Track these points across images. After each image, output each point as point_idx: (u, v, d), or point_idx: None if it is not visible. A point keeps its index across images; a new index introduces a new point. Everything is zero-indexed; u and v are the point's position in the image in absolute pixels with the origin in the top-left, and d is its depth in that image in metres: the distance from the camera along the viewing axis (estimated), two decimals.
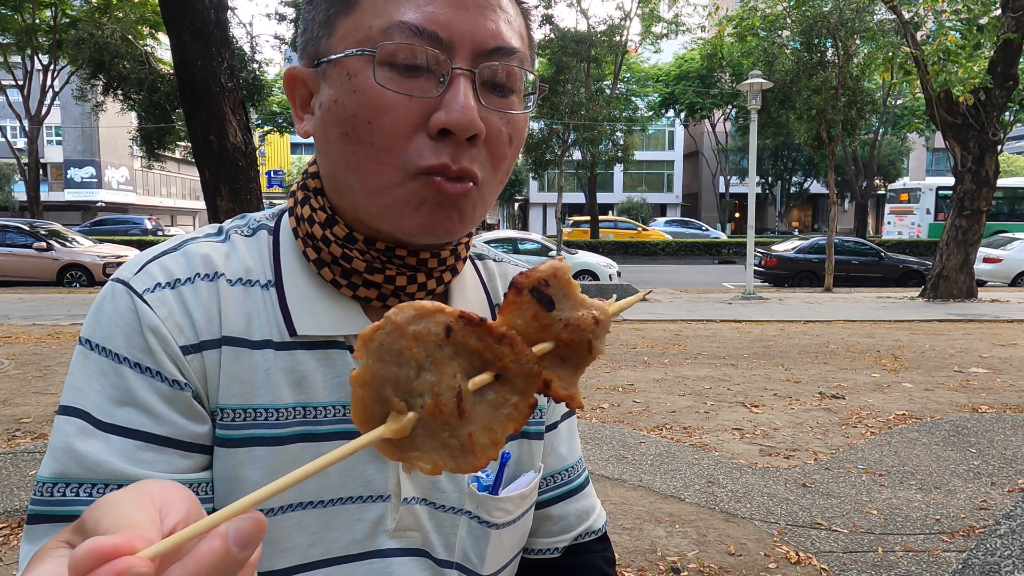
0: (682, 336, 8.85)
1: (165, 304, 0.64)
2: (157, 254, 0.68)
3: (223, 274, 0.67)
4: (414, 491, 0.72)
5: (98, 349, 0.63)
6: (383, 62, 0.60)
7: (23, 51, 22.28)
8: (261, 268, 0.70)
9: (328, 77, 0.64)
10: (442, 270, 0.73)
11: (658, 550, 2.99)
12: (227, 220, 0.75)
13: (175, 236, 0.72)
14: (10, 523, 3.17)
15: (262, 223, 0.74)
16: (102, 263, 15.62)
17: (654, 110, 39.80)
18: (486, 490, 0.75)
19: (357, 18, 0.62)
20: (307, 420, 0.67)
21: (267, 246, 0.72)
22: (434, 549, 0.74)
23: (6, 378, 5.96)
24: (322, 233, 0.69)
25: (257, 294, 0.68)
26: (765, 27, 15.93)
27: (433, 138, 0.61)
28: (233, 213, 5.76)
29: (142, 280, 0.65)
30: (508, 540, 0.78)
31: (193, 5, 5.43)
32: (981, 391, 5.88)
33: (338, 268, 0.69)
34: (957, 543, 3.11)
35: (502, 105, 0.64)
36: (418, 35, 0.60)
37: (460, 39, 0.61)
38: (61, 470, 0.60)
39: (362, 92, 0.61)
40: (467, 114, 0.60)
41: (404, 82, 0.60)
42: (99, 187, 43.65)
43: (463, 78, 0.61)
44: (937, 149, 42.59)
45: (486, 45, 0.62)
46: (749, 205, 13.80)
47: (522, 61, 0.65)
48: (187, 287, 0.66)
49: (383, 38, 0.60)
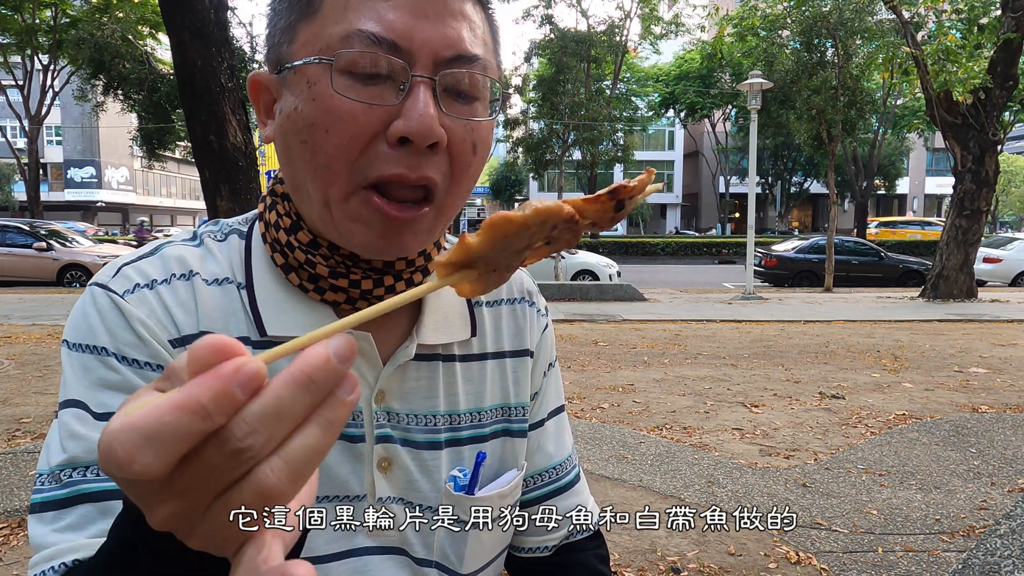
0: (682, 336, 8.85)
1: (145, 303, 0.65)
2: (133, 259, 0.69)
3: (198, 273, 0.69)
4: (390, 491, 0.72)
5: (82, 348, 0.64)
6: (342, 70, 0.60)
7: (23, 51, 22.29)
8: (232, 271, 0.71)
9: (289, 84, 0.63)
10: (411, 271, 0.73)
11: (658, 550, 3.00)
12: (200, 226, 0.76)
13: (150, 242, 0.73)
14: (10, 523, 3.17)
15: (234, 228, 0.75)
16: (102, 263, 15.61)
17: (654, 110, 39.83)
18: (462, 490, 0.75)
19: (317, 25, 0.62)
20: None
21: (238, 251, 0.72)
22: (412, 548, 0.74)
23: (6, 378, 5.96)
24: (287, 239, 0.69)
25: (233, 292, 0.69)
26: (765, 27, 15.92)
27: (392, 146, 0.61)
28: (233, 213, 5.76)
29: (120, 282, 0.66)
30: (488, 539, 0.78)
31: (193, 5, 5.43)
32: (981, 391, 5.88)
33: (304, 273, 0.70)
34: (957, 543, 3.11)
35: (465, 112, 0.64)
36: (377, 43, 0.59)
37: (420, 47, 0.60)
38: (70, 456, 0.60)
39: (321, 100, 0.60)
40: (425, 121, 0.59)
41: (363, 90, 0.60)
42: (99, 187, 43.66)
43: (423, 85, 0.60)
44: (937, 149, 42.61)
45: (446, 53, 0.61)
46: (749, 205, 13.81)
47: (485, 68, 0.64)
48: (164, 286, 0.67)
49: (342, 46, 0.60)
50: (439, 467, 0.75)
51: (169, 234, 4.38)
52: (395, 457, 0.73)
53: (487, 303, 0.83)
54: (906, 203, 52.30)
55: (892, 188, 42.30)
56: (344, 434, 0.70)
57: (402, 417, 0.74)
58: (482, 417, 0.80)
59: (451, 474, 0.76)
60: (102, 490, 0.59)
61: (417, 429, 0.74)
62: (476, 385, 0.79)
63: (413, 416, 0.74)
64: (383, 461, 0.72)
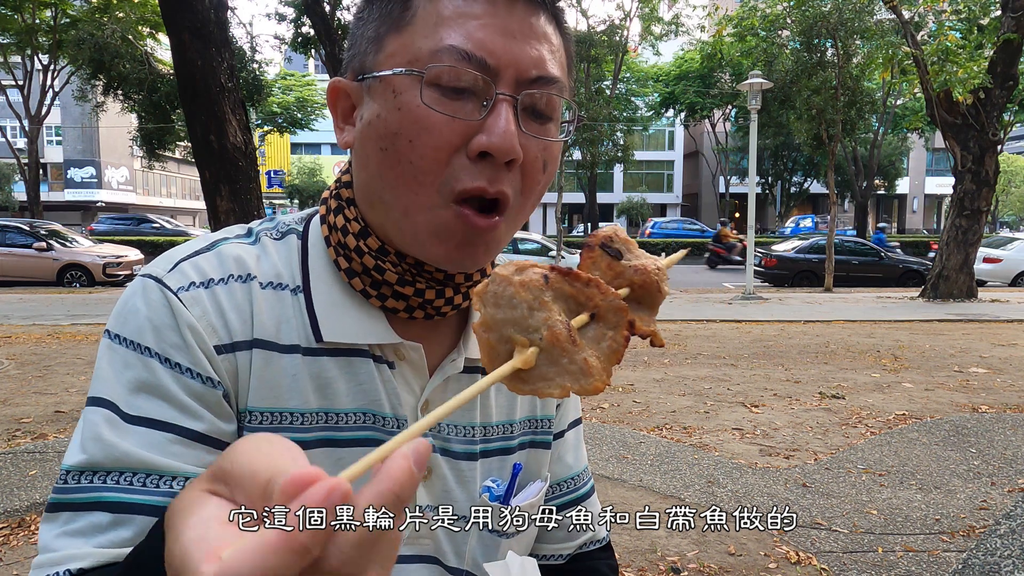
0: (682, 336, 8.85)
1: (199, 303, 0.64)
2: (190, 253, 0.68)
3: (255, 276, 0.68)
4: (428, 499, 0.73)
5: (126, 343, 0.63)
6: (429, 83, 0.61)
7: (23, 51, 22.30)
8: (290, 273, 0.70)
9: (373, 92, 0.65)
10: (468, 285, 0.74)
11: (658, 550, 3.00)
12: (256, 222, 0.76)
13: (203, 236, 0.72)
14: (10, 523, 3.17)
15: (291, 227, 0.75)
16: (102, 263, 15.63)
17: (654, 110, 39.80)
18: (497, 499, 0.77)
19: (407, 38, 0.63)
20: (330, 426, 0.68)
21: (296, 251, 0.72)
22: (445, 556, 0.75)
23: (6, 378, 5.96)
24: (356, 244, 0.70)
25: (287, 298, 0.69)
26: (765, 27, 15.93)
27: (472, 160, 0.62)
28: (233, 213, 5.76)
29: (176, 278, 0.65)
30: (516, 548, 0.79)
31: (193, 5, 5.43)
32: (981, 391, 5.88)
33: (369, 279, 0.70)
34: (957, 543, 3.11)
35: (540, 132, 0.66)
36: (466, 60, 0.61)
37: (506, 66, 0.62)
38: (88, 459, 0.60)
39: (407, 110, 0.62)
40: (508, 139, 0.61)
41: (448, 103, 0.61)
42: (99, 187, 43.65)
43: (506, 103, 0.62)
44: (937, 149, 42.59)
45: (529, 74, 0.63)
46: (749, 205, 13.80)
47: (562, 90, 0.66)
48: (221, 287, 0.66)
49: (432, 60, 0.61)
50: (474, 477, 0.76)
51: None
52: (435, 467, 0.74)
53: None
54: (906, 203, 52.30)
55: (892, 188, 42.30)
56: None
57: (443, 427, 0.75)
58: (512, 429, 0.81)
59: (485, 484, 0.77)
60: (119, 501, 0.59)
61: (456, 439, 0.76)
62: (508, 398, 0.81)
63: (453, 427, 0.76)
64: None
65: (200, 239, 0.71)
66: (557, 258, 15.51)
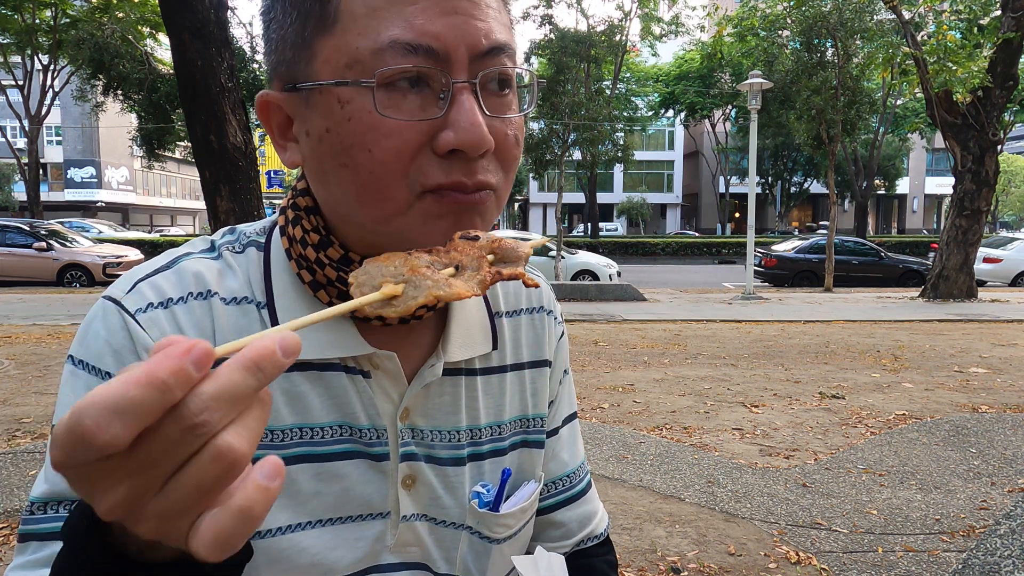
0: (682, 336, 8.85)
1: (157, 324, 0.62)
2: (149, 272, 0.66)
3: (216, 292, 0.66)
4: (414, 508, 0.72)
5: (87, 367, 0.62)
6: (379, 87, 0.57)
7: (23, 51, 22.31)
8: (250, 288, 0.68)
9: (314, 105, 0.59)
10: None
11: (658, 550, 3.00)
12: (218, 234, 0.73)
13: (168, 251, 0.70)
14: (10, 523, 3.17)
15: (252, 239, 0.71)
16: (102, 263, 15.63)
17: (654, 110, 39.83)
18: (487, 507, 0.75)
19: (339, 38, 0.57)
20: (306, 441, 0.67)
21: (257, 265, 0.69)
22: (435, 563, 0.74)
23: (6, 378, 5.96)
24: (316, 255, 0.66)
25: (252, 313, 0.67)
26: (765, 27, 15.94)
27: (441, 156, 0.58)
28: (233, 213, 5.76)
29: (134, 300, 0.63)
30: (509, 551, 0.78)
31: (193, 5, 5.43)
32: (981, 391, 5.88)
33: (335, 289, 0.67)
34: (957, 543, 3.11)
35: (503, 107, 0.62)
36: (413, 52, 0.56)
37: (455, 47, 0.57)
38: (51, 489, 0.60)
39: (358, 120, 0.57)
40: (476, 131, 0.57)
41: (403, 104, 0.57)
42: (99, 187, 43.69)
43: (465, 91, 0.58)
44: (937, 149, 42.60)
45: (480, 47, 0.59)
46: (749, 205, 13.81)
47: (513, 56, 0.63)
48: (180, 307, 0.64)
49: (376, 61, 0.56)
50: (462, 483, 0.74)
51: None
52: (419, 474, 0.72)
53: (507, 314, 0.81)
54: (906, 203, 52.33)
55: (892, 188, 42.35)
56: (368, 452, 0.69)
57: (426, 434, 0.73)
58: (502, 430, 0.79)
59: (474, 490, 0.75)
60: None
61: (441, 445, 0.74)
62: (496, 398, 0.78)
63: (437, 432, 0.73)
64: (407, 479, 0.71)
65: (164, 255, 0.69)
66: (557, 258, 15.50)
